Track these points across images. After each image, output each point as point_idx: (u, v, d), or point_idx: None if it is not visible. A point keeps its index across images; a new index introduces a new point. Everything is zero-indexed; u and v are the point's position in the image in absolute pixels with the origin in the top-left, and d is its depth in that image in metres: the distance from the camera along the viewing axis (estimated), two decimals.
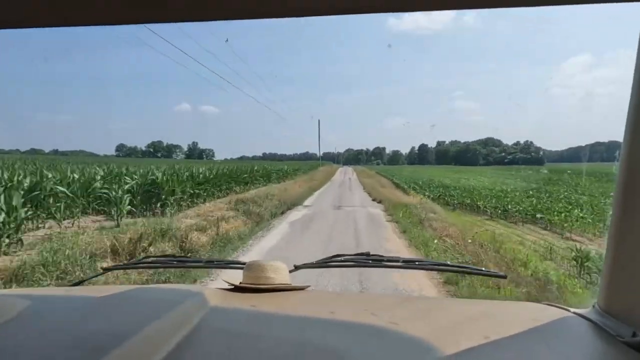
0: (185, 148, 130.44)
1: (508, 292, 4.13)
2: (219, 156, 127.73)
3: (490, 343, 0.57)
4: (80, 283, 1.15)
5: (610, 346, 0.58)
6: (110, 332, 0.51)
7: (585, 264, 5.74)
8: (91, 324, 0.56)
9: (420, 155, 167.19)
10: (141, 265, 1.17)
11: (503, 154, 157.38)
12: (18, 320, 0.56)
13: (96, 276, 1.81)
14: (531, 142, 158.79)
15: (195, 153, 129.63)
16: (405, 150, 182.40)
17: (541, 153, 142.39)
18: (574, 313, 0.72)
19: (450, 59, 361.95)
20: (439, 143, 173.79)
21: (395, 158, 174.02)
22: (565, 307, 0.76)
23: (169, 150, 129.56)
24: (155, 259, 1.23)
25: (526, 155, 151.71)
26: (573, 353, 0.58)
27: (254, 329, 0.61)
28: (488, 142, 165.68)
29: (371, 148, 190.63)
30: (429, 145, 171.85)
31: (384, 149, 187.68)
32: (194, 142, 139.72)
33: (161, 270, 4.08)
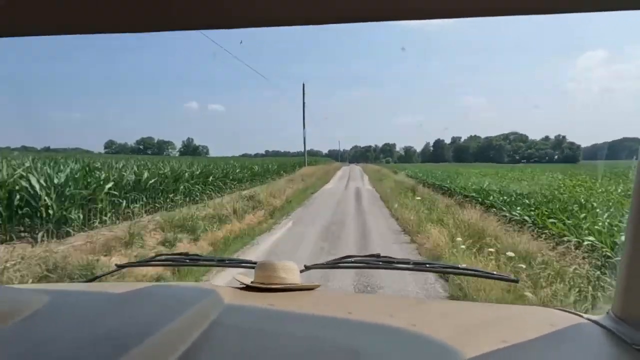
0: (179, 144, 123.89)
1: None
2: (218, 153, 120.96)
3: (509, 347, 0.57)
4: (94, 279, 1.16)
5: (626, 353, 0.57)
6: (130, 330, 0.52)
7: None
8: (110, 320, 0.56)
9: (436, 152, 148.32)
10: (154, 262, 1.22)
11: (532, 150, 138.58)
12: (38, 315, 0.57)
13: (110, 273, 1.43)
14: (564, 137, 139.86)
15: (190, 150, 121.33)
16: (418, 146, 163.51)
17: (577, 149, 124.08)
18: (588, 319, 0.71)
19: (461, 54, 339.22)
20: (454, 139, 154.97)
21: (407, 155, 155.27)
22: (579, 313, 0.75)
23: (159, 147, 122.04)
24: (168, 257, 1.21)
25: (557, 152, 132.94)
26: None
27: (270, 328, 0.62)
28: (512, 137, 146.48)
29: (380, 145, 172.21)
30: (446, 142, 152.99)
31: (394, 145, 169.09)
32: (188, 139, 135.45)
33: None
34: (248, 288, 0.87)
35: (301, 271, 0.97)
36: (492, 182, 12.69)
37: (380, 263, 0.99)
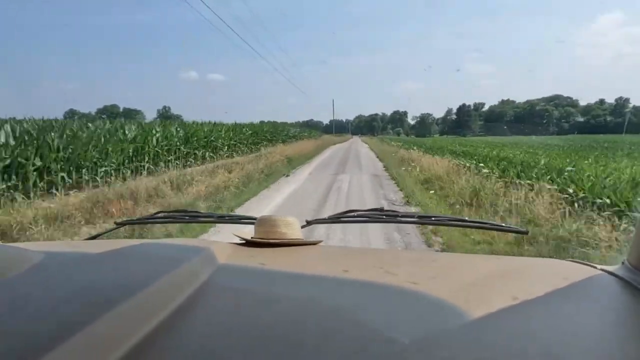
0: (153, 113, 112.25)
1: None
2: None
3: (520, 304, 0.52)
4: (94, 237, 1.16)
5: None
6: (116, 286, 0.48)
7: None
8: (96, 277, 0.53)
9: (460, 121, 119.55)
10: (154, 220, 1.21)
11: (586, 117, 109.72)
12: (24, 274, 0.55)
13: (110, 231, 1.42)
14: (626, 100, 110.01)
15: (165, 118, 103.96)
16: (437, 114, 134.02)
17: None
18: (602, 270, 0.67)
19: (468, 16, 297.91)
20: (476, 106, 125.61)
21: (423, 125, 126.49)
22: (592, 264, 0.72)
23: (126, 116, 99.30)
24: (167, 213, 1.20)
25: (618, 118, 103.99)
26: (605, 311, 0.55)
27: (265, 285, 0.59)
28: (559, 101, 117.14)
29: (388, 113, 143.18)
30: (471, 107, 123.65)
31: (405, 113, 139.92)
32: (164, 107, 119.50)
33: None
34: (247, 244, 0.85)
35: (303, 226, 0.95)
36: None
37: (384, 217, 1.00)
